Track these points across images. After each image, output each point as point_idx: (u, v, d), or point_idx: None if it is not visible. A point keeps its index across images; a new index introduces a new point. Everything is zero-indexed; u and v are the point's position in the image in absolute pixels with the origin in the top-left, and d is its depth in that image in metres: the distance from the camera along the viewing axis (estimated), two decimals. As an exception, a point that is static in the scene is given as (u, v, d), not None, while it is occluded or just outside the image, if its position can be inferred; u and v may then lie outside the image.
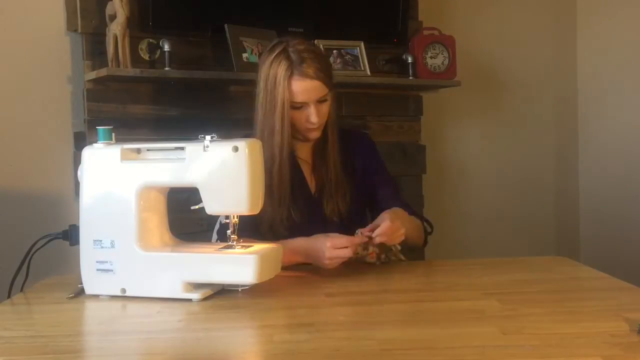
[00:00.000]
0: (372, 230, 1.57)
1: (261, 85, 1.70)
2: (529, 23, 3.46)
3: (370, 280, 1.54)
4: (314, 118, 1.68)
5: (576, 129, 3.41)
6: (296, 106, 1.67)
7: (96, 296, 1.41)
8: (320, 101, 1.69)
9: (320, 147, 1.79)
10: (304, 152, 1.81)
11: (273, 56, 1.68)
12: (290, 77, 1.65)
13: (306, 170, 1.81)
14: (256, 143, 1.39)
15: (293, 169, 1.75)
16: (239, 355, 1.09)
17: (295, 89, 1.65)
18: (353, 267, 1.63)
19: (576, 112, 3.40)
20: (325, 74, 1.68)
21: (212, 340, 1.12)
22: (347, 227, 1.68)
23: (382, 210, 1.68)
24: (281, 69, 1.66)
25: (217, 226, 1.74)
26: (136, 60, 2.43)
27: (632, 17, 3.27)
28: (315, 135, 1.74)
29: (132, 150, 1.42)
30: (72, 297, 1.41)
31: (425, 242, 1.83)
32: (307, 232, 1.64)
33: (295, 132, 1.73)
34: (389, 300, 1.39)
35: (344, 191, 1.77)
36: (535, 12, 3.47)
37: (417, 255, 2.98)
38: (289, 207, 1.72)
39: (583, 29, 3.36)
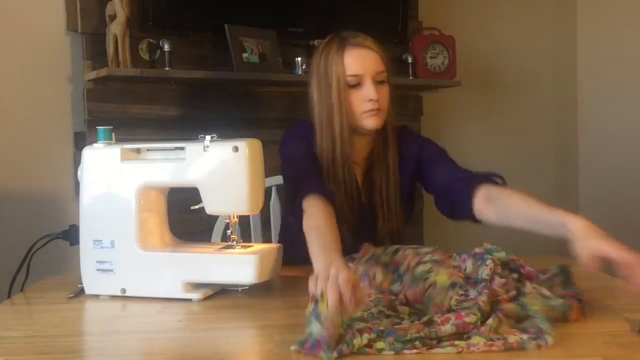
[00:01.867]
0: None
1: (314, 77, 1.60)
2: (529, 23, 3.46)
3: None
4: (372, 94, 1.53)
5: (576, 129, 3.41)
6: (352, 83, 1.55)
7: (96, 296, 1.41)
8: (379, 81, 1.56)
9: (379, 153, 1.63)
10: (358, 156, 1.64)
11: (324, 44, 1.60)
12: (343, 50, 1.55)
13: (359, 174, 1.66)
14: (256, 143, 1.39)
15: (348, 172, 1.60)
16: (239, 355, 1.09)
17: (348, 60, 1.54)
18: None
19: (576, 112, 3.41)
20: (381, 51, 1.57)
21: (212, 340, 1.12)
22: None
23: (442, 186, 1.57)
24: (333, 48, 1.56)
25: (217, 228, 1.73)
26: (136, 60, 2.44)
27: (632, 17, 3.27)
28: (374, 122, 1.56)
29: (132, 150, 1.42)
30: (72, 297, 1.41)
31: None
32: (354, 244, 1.46)
33: (354, 121, 1.57)
34: (389, 300, 1.39)
35: (400, 209, 1.63)
36: (535, 12, 3.47)
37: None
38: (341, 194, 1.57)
39: (583, 28, 3.36)
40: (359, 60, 1.55)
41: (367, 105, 1.55)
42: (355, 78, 1.55)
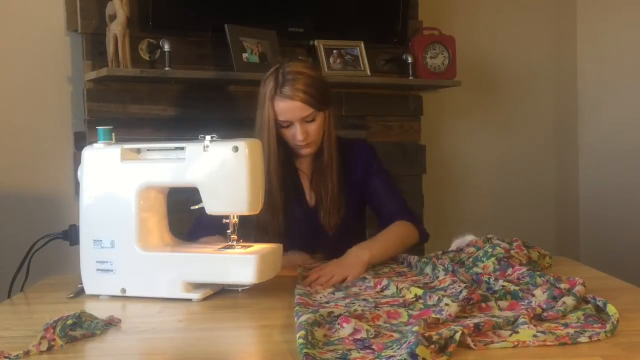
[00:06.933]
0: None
1: (259, 102, 1.80)
2: (529, 23, 3.46)
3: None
4: (298, 136, 1.75)
5: (576, 129, 3.41)
6: (283, 125, 1.76)
7: (96, 296, 1.41)
8: (307, 121, 1.76)
9: (318, 162, 1.85)
10: (304, 165, 1.88)
11: (267, 75, 1.79)
12: (273, 97, 1.75)
13: (305, 183, 1.88)
14: (256, 143, 1.39)
15: (293, 180, 1.85)
16: (239, 355, 1.09)
17: (277, 109, 1.74)
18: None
19: (576, 112, 3.41)
20: (309, 95, 1.74)
21: (212, 340, 1.12)
22: (340, 238, 1.79)
23: (383, 213, 1.85)
24: (268, 89, 1.76)
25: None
26: (136, 60, 2.43)
27: (632, 17, 3.27)
28: (306, 152, 1.81)
29: (132, 150, 1.42)
30: (72, 297, 1.41)
31: (422, 239, 1.84)
32: (302, 240, 1.78)
33: (290, 148, 1.81)
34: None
35: (339, 205, 1.83)
36: (535, 12, 3.47)
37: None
38: (282, 216, 1.80)
39: (583, 29, 3.36)
40: (287, 110, 1.74)
41: (297, 141, 1.78)
42: (284, 122, 1.77)
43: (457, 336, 0.98)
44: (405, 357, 0.91)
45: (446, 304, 1.17)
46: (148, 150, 1.42)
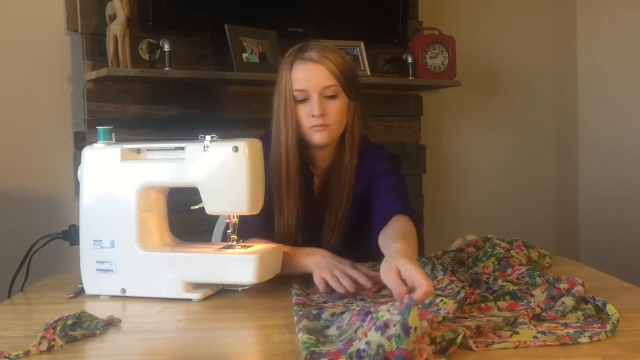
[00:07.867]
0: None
1: (277, 80, 1.61)
2: (529, 23, 3.47)
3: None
4: (315, 110, 1.52)
5: (576, 129, 3.41)
6: (299, 97, 1.55)
7: (96, 296, 1.41)
8: (328, 96, 1.55)
9: (337, 164, 1.63)
10: (318, 167, 1.67)
11: (287, 53, 1.61)
12: (292, 63, 1.56)
13: (317, 186, 1.68)
14: (256, 143, 1.39)
15: (307, 181, 1.64)
16: (239, 355, 1.09)
17: (295, 75, 1.55)
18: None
19: (576, 112, 3.41)
20: (335, 65, 1.54)
21: (212, 340, 1.12)
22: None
23: (379, 215, 1.53)
24: (287, 61, 1.58)
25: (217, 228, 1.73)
26: (136, 60, 2.44)
27: (632, 17, 3.27)
28: (320, 138, 1.56)
29: (132, 150, 1.42)
30: (72, 297, 1.41)
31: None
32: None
33: (303, 135, 1.58)
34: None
35: (345, 222, 1.63)
36: (535, 12, 3.47)
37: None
38: (298, 215, 1.61)
39: (583, 29, 3.36)
40: (304, 75, 1.54)
41: (312, 120, 1.55)
42: (301, 93, 1.56)
43: (459, 339, 0.98)
44: (399, 332, 0.85)
45: (443, 302, 1.16)
46: (148, 150, 1.42)
